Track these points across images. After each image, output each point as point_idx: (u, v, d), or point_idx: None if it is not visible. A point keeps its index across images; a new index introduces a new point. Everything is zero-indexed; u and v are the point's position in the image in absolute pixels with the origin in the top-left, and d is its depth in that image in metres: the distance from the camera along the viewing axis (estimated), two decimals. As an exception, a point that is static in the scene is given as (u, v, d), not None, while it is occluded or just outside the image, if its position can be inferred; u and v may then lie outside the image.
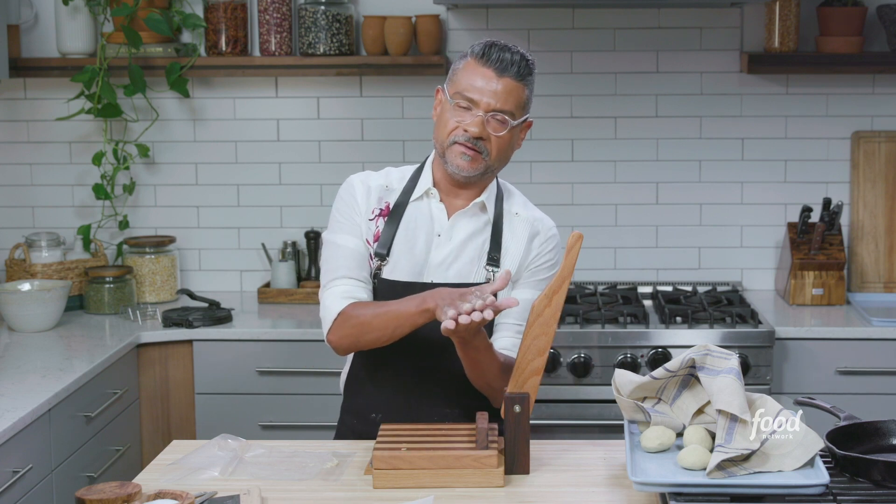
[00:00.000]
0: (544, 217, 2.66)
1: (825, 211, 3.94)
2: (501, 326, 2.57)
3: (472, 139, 2.48)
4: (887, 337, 3.62)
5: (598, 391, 3.58)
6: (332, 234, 2.58)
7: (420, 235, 2.57)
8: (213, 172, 4.18)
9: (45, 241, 3.95)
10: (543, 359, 2.32)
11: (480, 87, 2.47)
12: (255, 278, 4.22)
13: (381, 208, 2.59)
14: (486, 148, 2.49)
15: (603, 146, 4.14)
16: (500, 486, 2.27)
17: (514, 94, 2.49)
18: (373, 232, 2.58)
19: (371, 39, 3.99)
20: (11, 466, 2.75)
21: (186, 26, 4.03)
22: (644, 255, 4.18)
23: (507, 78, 2.47)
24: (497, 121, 2.49)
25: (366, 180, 2.61)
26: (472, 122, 2.47)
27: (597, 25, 4.08)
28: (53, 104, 4.12)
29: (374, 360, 2.60)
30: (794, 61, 3.96)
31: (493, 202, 2.60)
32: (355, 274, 2.54)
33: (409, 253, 2.56)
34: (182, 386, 3.69)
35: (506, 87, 2.48)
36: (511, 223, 2.61)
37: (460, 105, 2.48)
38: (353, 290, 2.53)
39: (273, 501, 2.22)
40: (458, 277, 2.55)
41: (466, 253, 2.56)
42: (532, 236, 2.60)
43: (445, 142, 2.51)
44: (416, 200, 2.58)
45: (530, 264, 2.59)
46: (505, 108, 2.48)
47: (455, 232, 2.57)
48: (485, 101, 2.47)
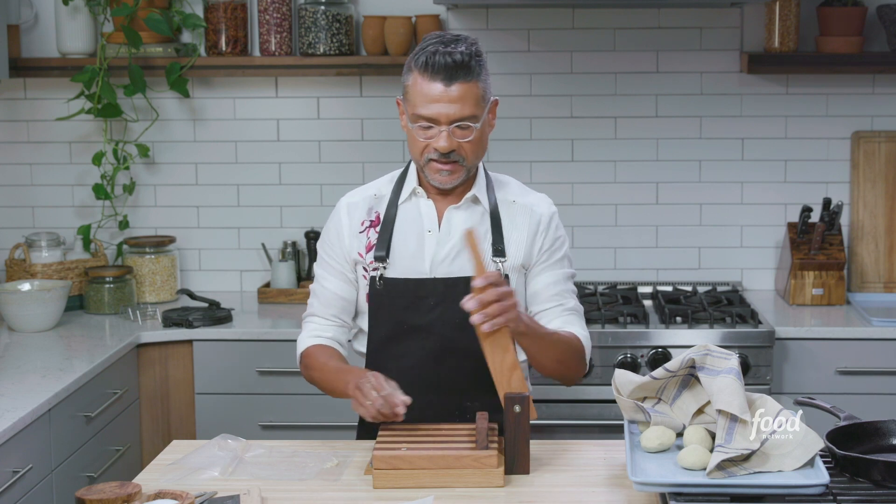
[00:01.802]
0: (541, 200, 2.66)
1: (825, 211, 3.94)
2: (545, 314, 2.58)
3: (443, 155, 2.47)
4: (887, 337, 3.62)
5: (598, 391, 3.58)
6: (319, 268, 2.69)
7: (411, 235, 2.58)
8: (213, 172, 4.18)
9: (45, 241, 3.95)
10: (511, 354, 2.33)
11: (435, 104, 2.44)
12: (255, 278, 4.22)
13: (372, 219, 2.61)
14: (461, 155, 2.49)
15: (603, 146, 4.14)
16: (500, 486, 2.27)
17: (470, 96, 2.45)
18: (364, 244, 2.59)
19: (371, 39, 3.99)
20: (11, 466, 2.76)
21: (186, 26, 4.03)
22: (644, 255, 4.18)
23: (458, 84, 2.43)
24: (461, 129, 2.47)
25: (351, 199, 2.65)
26: (440, 140, 2.46)
27: (597, 25, 4.08)
28: (53, 104, 4.12)
29: (388, 357, 2.60)
30: (794, 61, 3.96)
31: (485, 192, 2.60)
32: (324, 313, 2.66)
33: (405, 253, 2.57)
34: (182, 386, 3.69)
35: (459, 94, 2.44)
36: (510, 212, 2.61)
37: (422, 126, 2.47)
38: (322, 330, 2.66)
39: (273, 501, 2.22)
40: (464, 272, 2.55)
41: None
42: (534, 223, 2.60)
43: (420, 160, 2.52)
44: (404, 203, 2.60)
45: (541, 249, 2.60)
46: (465, 115, 2.45)
47: (453, 227, 2.57)
48: (443, 115, 2.44)
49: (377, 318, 2.61)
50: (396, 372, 2.55)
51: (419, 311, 2.56)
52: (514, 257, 2.58)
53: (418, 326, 2.56)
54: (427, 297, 2.56)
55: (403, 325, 2.58)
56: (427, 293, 2.56)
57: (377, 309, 2.60)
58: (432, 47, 2.45)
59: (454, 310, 2.53)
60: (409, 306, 2.57)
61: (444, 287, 2.55)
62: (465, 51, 2.45)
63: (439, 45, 2.45)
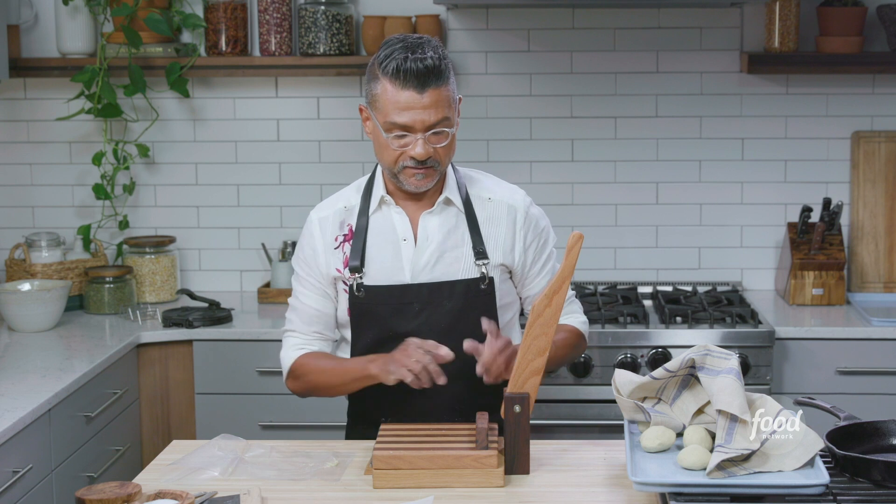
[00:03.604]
0: (514, 192, 2.64)
1: (825, 211, 3.94)
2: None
3: (419, 162, 2.45)
4: (887, 337, 3.62)
5: (598, 391, 3.58)
6: (295, 282, 2.67)
7: (386, 245, 2.56)
8: (213, 172, 4.18)
9: (45, 241, 3.95)
10: (543, 359, 2.33)
11: (408, 112, 2.41)
12: (255, 278, 4.22)
13: (345, 234, 2.59)
14: (436, 160, 2.47)
15: (603, 146, 4.14)
16: (500, 486, 2.27)
17: (442, 100, 2.43)
18: (341, 259, 2.58)
19: (371, 39, 3.99)
20: (11, 466, 2.76)
21: (186, 26, 4.03)
22: (644, 255, 4.18)
23: (430, 90, 2.41)
24: (437, 135, 2.45)
25: (321, 213, 2.62)
26: (416, 147, 2.43)
27: (597, 25, 4.08)
28: (53, 104, 4.12)
29: None
30: (794, 61, 3.96)
31: (457, 192, 2.59)
32: (306, 330, 2.65)
33: (382, 263, 2.56)
34: (182, 386, 3.69)
35: (432, 99, 2.41)
36: (486, 209, 2.59)
37: (396, 136, 2.45)
38: (305, 344, 2.66)
39: (273, 501, 2.22)
40: (447, 276, 2.55)
41: (449, 251, 2.56)
42: (511, 218, 2.60)
43: (394, 168, 2.48)
44: (375, 213, 2.58)
45: (526, 247, 2.60)
46: (439, 120, 2.43)
47: (430, 233, 2.56)
48: (418, 122, 2.42)
49: (360, 326, 2.59)
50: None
51: (404, 317, 2.55)
52: (495, 256, 2.58)
53: (404, 333, 2.53)
54: (412, 302, 2.55)
55: (388, 331, 2.56)
56: (412, 298, 2.54)
57: (360, 317, 2.58)
58: (400, 53, 2.41)
59: (439, 314, 2.53)
60: (393, 313, 2.55)
61: (427, 292, 2.54)
62: (434, 55, 2.42)
63: (407, 51, 2.41)
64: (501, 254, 2.58)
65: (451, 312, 2.54)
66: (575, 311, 2.74)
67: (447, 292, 2.54)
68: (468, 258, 2.56)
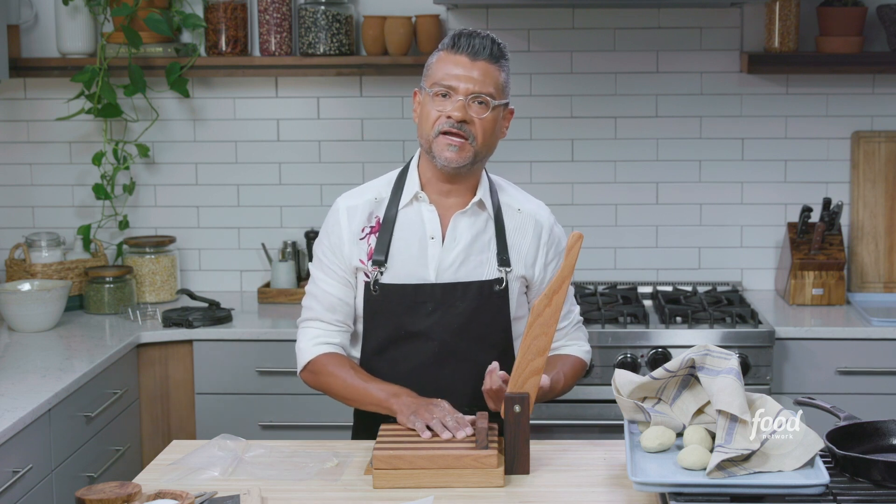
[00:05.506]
0: (540, 207, 2.67)
1: (825, 211, 3.94)
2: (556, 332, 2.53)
3: (456, 124, 2.46)
4: (887, 337, 3.62)
5: (598, 391, 3.58)
6: (316, 269, 2.63)
7: (413, 241, 2.56)
8: (213, 172, 4.18)
9: (45, 241, 3.95)
10: (543, 359, 2.33)
11: (457, 74, 2.47)
12: (255, 278, 4.22)
13: (372, 225, 2.58)
14: (472, 132, 2.47)
15: (603, 146, 4.14)
16: (500, 486, 2.27)
17: (491, 76, 2.48)
18: (365, 251, 2.57)
19: (371, 39, 3.99)
20: (11, 466, 2.76)
21: (186, 26, 4.03)
22: (644, 255, 4.18)
23: (482, 61, 2.47)
24: (479, 103, 2.48)
25: (350, 202, 2.61)
26: (455, 108, 2.46)
27: (597, 25, 4.08)
28: (53, 104, 4.12)
29: (384, 362, 2.60)
30: (794, 61, 3.96)
31: (489, 196, 2.60)
32: (329, 318, 2.61)
33: (406, 259, 2.55)
34: (182, 386, 3.69)
35: (482, 71, 2.47)
36: (515, 220, 2.61)
37: (439, 94, 2.48)
38: (326, 336, 2.61)
39: (273, 501, 2.22)
40: (469, 277, 2.55)
41: (474, 254, 2.56)
42: (537, 234, 2.61)
43: (430, 134, 2.49)
44: (405, 207, 2.58)
45: (546, 264, 2.61)
46: (484, 91, 2.47)
47: (458, 233, 2.56)
48: (462, 86, 2.46)
49: (373, 323, 2.59)
50: (393, 376, 2.55)
51: (417, 315, 2.55)
52: (518, 267, 2.59)
53: (417, 332, 2.55)
54: (426, 301, 2.55)
55: (401, 330, 2.56)
56: (425, 298, 2.55)
57: (373, 314, 2.58)
58: (459, 31, 2.51)
59: (452, 314, 2.53)
60: (406, 311, 2.55)
61: (441, 292, 2.55)
62: (494, 39, 2.51)
63: (465, 30, 2.51)
64: (523, 266, 2.59)
65: (465, 313, 2.55)
66: (580, 338, 2.73)
67: (461, 293, 2.54)
68: (492, 264, 2.57)
